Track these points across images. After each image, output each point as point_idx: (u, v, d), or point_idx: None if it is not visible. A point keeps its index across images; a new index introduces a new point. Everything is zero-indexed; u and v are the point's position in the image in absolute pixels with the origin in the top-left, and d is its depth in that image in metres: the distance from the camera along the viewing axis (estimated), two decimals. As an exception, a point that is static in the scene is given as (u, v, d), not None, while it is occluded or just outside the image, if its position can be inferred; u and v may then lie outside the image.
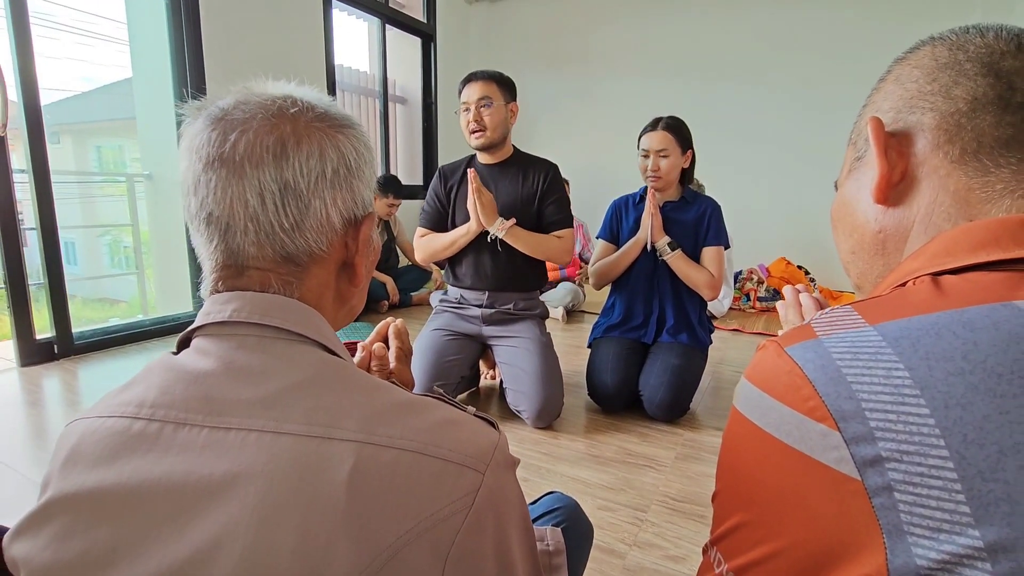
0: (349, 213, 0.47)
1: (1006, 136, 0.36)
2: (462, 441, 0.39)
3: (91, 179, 7.72)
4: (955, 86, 0.39)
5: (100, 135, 10.80)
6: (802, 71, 3.65)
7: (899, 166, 0.41)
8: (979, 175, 0.37)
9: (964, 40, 0.40)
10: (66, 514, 0.38)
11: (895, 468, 0.27)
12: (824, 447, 0.29)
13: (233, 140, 0.42)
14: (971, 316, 0.29)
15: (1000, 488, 0.25)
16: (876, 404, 0.28)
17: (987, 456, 0.25)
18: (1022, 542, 0.24)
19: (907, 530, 0.26)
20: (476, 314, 1.84)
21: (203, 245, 0.45)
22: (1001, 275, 0.32)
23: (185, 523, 0.35)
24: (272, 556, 0.34)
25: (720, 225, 1.89)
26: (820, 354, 0.31)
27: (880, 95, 0.44)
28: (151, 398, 0.40)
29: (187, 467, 0.37)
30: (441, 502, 0.36)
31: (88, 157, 10.63)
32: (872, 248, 0.44)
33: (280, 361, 0.41)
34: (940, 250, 0.36)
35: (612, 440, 1.60)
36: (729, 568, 0.34)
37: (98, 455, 0.39)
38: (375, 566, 0.34)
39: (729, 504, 0.35)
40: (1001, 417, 0.26)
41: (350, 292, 0.51)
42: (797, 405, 0.31)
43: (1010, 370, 0.27)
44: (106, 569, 0.36)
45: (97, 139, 10.90)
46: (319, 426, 0.37)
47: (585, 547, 0.83)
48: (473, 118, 1.69)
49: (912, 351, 0.29)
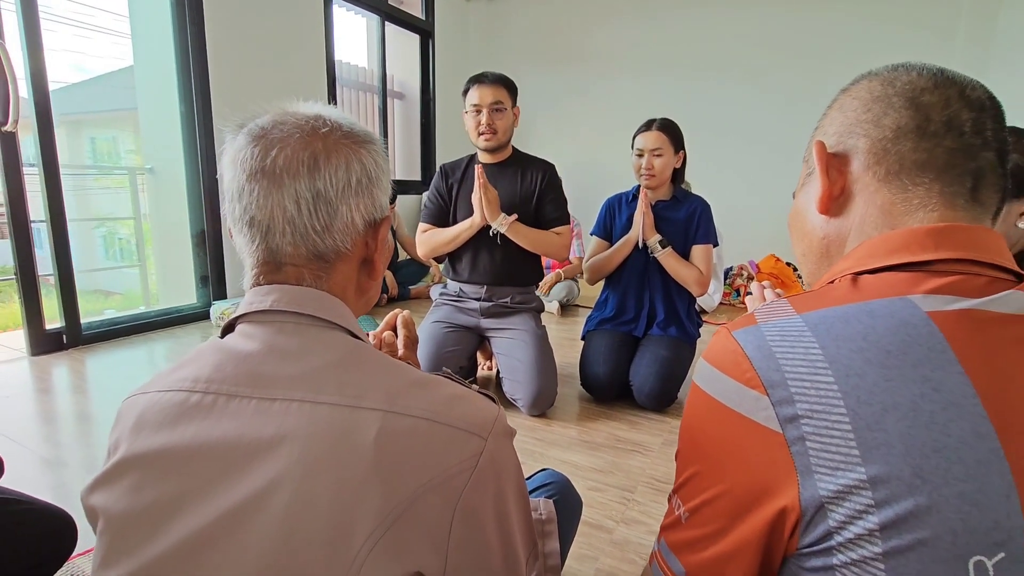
0: (370, 216, 0.55)
1: (921, 160, 0.44)
2: (468, 413, 0.47)
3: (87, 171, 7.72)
4: (884, 116, 0.46)
5: (93, 126, 10.71)
6: (793, 72, 3.72)
7: (839, 183, 0.48)
8: (900, 192, 0.45)
9: (894, 77, 0.48)
10: (138, 470, 0.46)
11: (807, 423, 0.35)
12: (756, 408, 0.37)
13: (273, 155, 0.50)
14: (874, 307, 0.37)
15: (881, 436, 0.33)
16: (796, 375, 0.36)
17: (873, 412, 0.33)
18: (894, 475, 0.32)
19: (814, 470, 0.34)
20: (475, 307, 1.92)
21: (245, 245, 0.52)
22: (906, 275, 0.40)
23: (240, 475, 0.43)
24: (313, 502, 0.41)
25: (709, 224, 1.97)
26: (757, 337, 0.39)
27: (827, 120, 0.52)
28: (205, 374, 0.48)
29: (240, 431, 0.44)
30: (451, 462, 0.44)
31: (82, 149, 10.57)
32: (818, 251, 0.51)
33: (314, 344, 0.49)
34: (864, 254, 0.44)
35: (603, 427, 1.69)
36: (686, 509, 0.42)
37: (161, 421, 0.47)
38: (397, 511, 0.42)
39: (686, 459, 0.43)
40: (886, 384, 0.34)
41: (368, 285, 0.59)
42: (738, 377, 0.38)
43: (896, 348, 0.34)
44: (174, 514, 0.43)
45: (91, 130, 10.82)
46: (349, 397, 0.45)
47: (575, 519, 0.91)
48: (485, 122, 1.75)
49: (826, 334, 0.37)
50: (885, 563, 0.32)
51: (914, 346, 0.35)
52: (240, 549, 0.41)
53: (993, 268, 0.40)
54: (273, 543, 0.40)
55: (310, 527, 0.41)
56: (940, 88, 0.45)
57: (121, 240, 8.95)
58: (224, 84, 2.78)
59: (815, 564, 0.35)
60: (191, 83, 2.69)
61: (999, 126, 0.46)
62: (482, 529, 0.46)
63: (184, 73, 2.70)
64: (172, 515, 0.43)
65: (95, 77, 12.05)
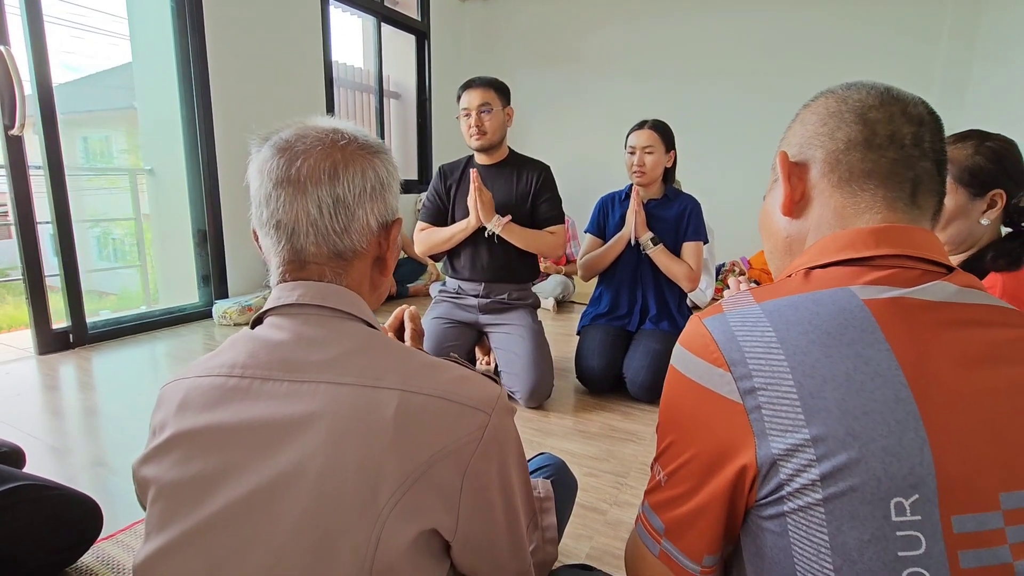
0: (383, 219, 0.61)
1: (868, 168, 0.51)
2: (474, 391, 0.53)
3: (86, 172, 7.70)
4: (838, 130, 0.53)
5: (86, 126, 10.63)
6: (782, 73, 3.79)
7: (799, 188, 0.55)
8: (850, 197, 0.51)
9: (847, 95, 0.54)
10: (184, 445, 0.52)
11: (762, 394, 0.41)
12: (721, 383, 0.43)
13: (298, 165, 0.56)
14: (820, 296, 0.44)
15: (821, 403, 0.39)
16: (754, 354, 0.42)
17: (815, 383, 0.40)
18: (831, 435, 0.38)
19: (768, 433, 0.41)
20: (473, 303, 1.98)
21: (272, 245, 0.58)
22: (850, 269, 0.47)
23: (276, 448, 0.49)
24: (342, 469, 0.47)
25: (699, 222, 2.04)
26: (723, 323, 0.46)
27: (790, 133, 0.58)
28: (241, 361, 0.54)
29: (274, 410, 0.51)
30: (460, 434, 0.50)
31: (74, 148, 10.51)
32: (783, 249, 0.58)
33: (337, 333, 0.55)
34: (817, 252, 0.50)
35: (597, 417, 1.76)
36: (664, 474, 0.49)
37: (204, 403, 0.53)
38: (415, 476, 0.48)
39: (664, 430, 0.50)
40: (826, 359, 0.40)
41: (381, 280, 0.65)
42: (706, 357, 0.45)
43: (835, 330, 0.41)
44: (219, 483, 0.49)
45: (83, 130, 10.76)
46: (370, 379, 0.51)
47: (571, 498, 0.98)
48: (474, 123, 1.82)
49: (779, 319, 0.43)
50: (824, 507, 0.39)
51: (850, 328, 0.41)
52: (280, 511, 0.47)
53: (926, 263, 0.47)
54: (308, 505, 0.47)
55: (340, 491, 0.47)
56: (885, 105, 0.52)
57: (115, 240, 8.91)
58: (224, 87, 2.83)
59: (770, 513, 0.42)
60: (191, 86, 2.74)
61: (937, 138, 0.52)
62: (488, 493, 0.53)
63: (184, 76, 2.74)
64: (218, 483, 0.49)
65: (86, 76, 11.94)
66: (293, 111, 3.14)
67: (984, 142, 1.06)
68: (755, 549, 0.44)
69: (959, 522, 0.37)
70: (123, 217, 4.05)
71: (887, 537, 0.37)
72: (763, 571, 0.43)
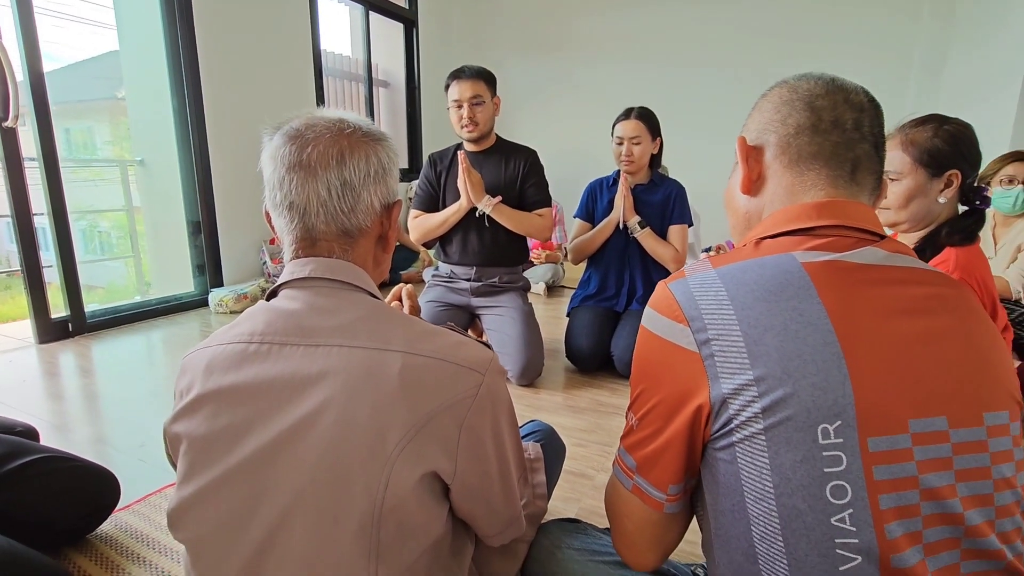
0: (385, 200, 0.67)
1: (814, 151, 0.58)
2: (470, 354, 0.60)
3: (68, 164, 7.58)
4: (789, 117, 0.60)
5: (67, 117, 10.44)
6: (767, 58, 3.85)
7: (756, 169, 0.62)
8: (799, 176, 0.58)
9: (798, 84, 0.61)
10: (212, 403, 0.58)
11: (715, 344, 0.48)
12: (682, 336, 0.50)
13: (308, 151, 0.62)
14: (766, 261, 0.51)
15: (763, 349, 0.47)
16: (709, 310, 0.50)
17: (758, 333, 0.47)
18: (770, 374, 0.46)
19: (719, 376, 0.48)
20: (465, 287, 2.04)
21: (284, 225, 0.64)
22: (795, 238, 0.54)
23: (295, 402, 0.56)
24: (354, 419, 0.54)
25: (684, 206, 2.11)
26: (684, 286, 0.53)
27: (750, 119, 0.65)
28: (259, 329, 0.60)
29: (292, 369, 0.57)
30: (457, 390, 0.57)
31: (56, 140, 10.31)
32: (743, 224, 0.65)
33: (346, 303, 0.61)
34: (769, 224, 0.57)
35: (586, 394, 1.84)
36: (636, 418, 0.56)
37: (228, 366, 0.59)
38: (418, 426, 0.55)
39: (636, 381, 0.57)
40: (767, 313, 0.47)
41: (383, 257, 0.71)
42: (670, 315, 0.52)
43: (777, 288, 0.48)
44: (246, 434, 0.56)
45: (65, 121, 10.55)
46: (377, 342, 0.58)
47: (559, 460, 1.06)
48: (467, 115, 1.87)
49: (730, 281, 0.50)
50: (765, 435, 0.46)
51: (789, 286, 0.48)
52: (301, 454, 0.54)
53: (862, 232, 0.54)
54: (326, 449, 0.53)
55: (353, 437, 0.54)
56: (830, 94, 0.59)
57: (101, 233, 8.81)
58: (214, 77, 2.84)
59: (722, 444, 0.49)
60: (182, 76, 2.75)
61: (876, 123, 0.59)
62: (482, 443, 0.60)
63: (175, 67, 2.75)
64: (244, 434, 0.56)
65: (67, 66, 11.69)
66: (283, 100, 3.21)
67: (943, 126, 1.13)
68: (711, 477, 0.52)
69: (874, 443, 0.44)
70: (110, 209, 4.02)
71: (815, 457, 0.44)
72: (718, 496, 0.51)
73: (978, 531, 0.45)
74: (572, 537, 0.82)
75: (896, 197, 1.16)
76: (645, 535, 0.59)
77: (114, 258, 6.10)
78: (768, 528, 0.46)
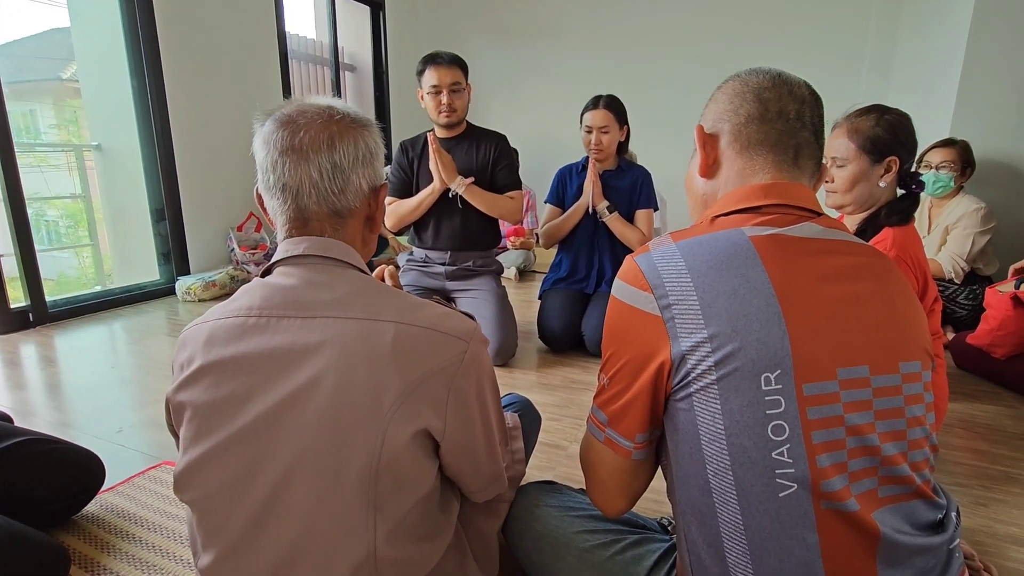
0: (372, 182, 0.71)
1: (761, 138, 0.65)
2: (455, 324, 0.65)
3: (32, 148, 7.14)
4: (740, 107, 0.66)
5: (6, 99, 9.82)
6: (732, 47, 3.97)
7: (712, 155, 0.69)
8: (748, 161, 0.65)
9: (748, 78, 0.68)
10: (214, 373, 0.62)
11: (675, 308, 0.55)
12: (647, 303, 0.57)
13: (300, 136, 0.65)
14: (719, 235, 0.58)
15: (715, 310, 0.54)
16: (670, 279, 0.56)
17: (711, 297, 0.54)
18: (721, 332, 0.53)
19: (679, 335, 0.55)
20: (440, 271, 2.09)
21: (278, 206, 0.68)
22: (744, 215, 0.61)
23: (295, 369, 0.60)
24: (352, 383, 0.59)
25: (651, 191, 2.19)
26: (648, 259, 0.59)
27: (706, 109, 0.72)
28: (257, 304, 0.64)
29: (291, 340, 0.61)
30: (445, 356, 0.63)
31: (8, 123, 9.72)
32: (701, 204, 0.72)
33: (339, 278, 0.66)
34: (722, 203, 0.64)
35: (559, 372, 1.92)
36: (607, 378, 0.63)
37: (228, 338, 0.63)
38: (411, 388, 0.60)
39: (606, 344, 0.64)
40: (719, 279, 0.54)
41: (370, 237, 0.76)
42: (636, 284, 0.59)
43: (727, 258, 0.55)
44: (248, 400, 0.60)
45: (3, 103, 9.90)
46: (370, 314, 0.62)
47: (535, 428, 1.13)
48: (446, 102, 1.89)
49: (688, 253, 0.57)
50: (718, 385, 0.53)
51: (738, 257, 0.55)
52: (302, 417, 0.58)
53: (802, 210, 0.62)
54: (326, 412, 0.58)
55: (351, 400, 0.58)
56: (776, 87, 0.66)
57: (49, 223, 8.37)
58: (175, 60, 2.77)
59: (681, 395, 0.56)
60: (141, 59, 2.67)
61: (816, 114, 0.67)
62: (468, 405, 0.65)
63: (133, 49, 2.67)
64: (247, 400, 0.60)
65: (4, 44, 10.98)
66: (248, 84, 3.16)
67: (883, 115, 1.23)
68: (673, 427, 0.59)
69: (807, 388, 0.52)
70: (58, 196, 3.82)
71: (759, 401, 0.52)
72: (679, 442, 0.58)
73: (892, 461, 0.53)
74: (549, 496, 0.89)
75: (842, 181, 1.26)
76: (616, 482, 0.66)
77: (62, 248, 5.77)
78: (720, 465, 0.54)
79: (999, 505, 1.17)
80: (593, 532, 0.80)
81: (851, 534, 0.51)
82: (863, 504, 0.52)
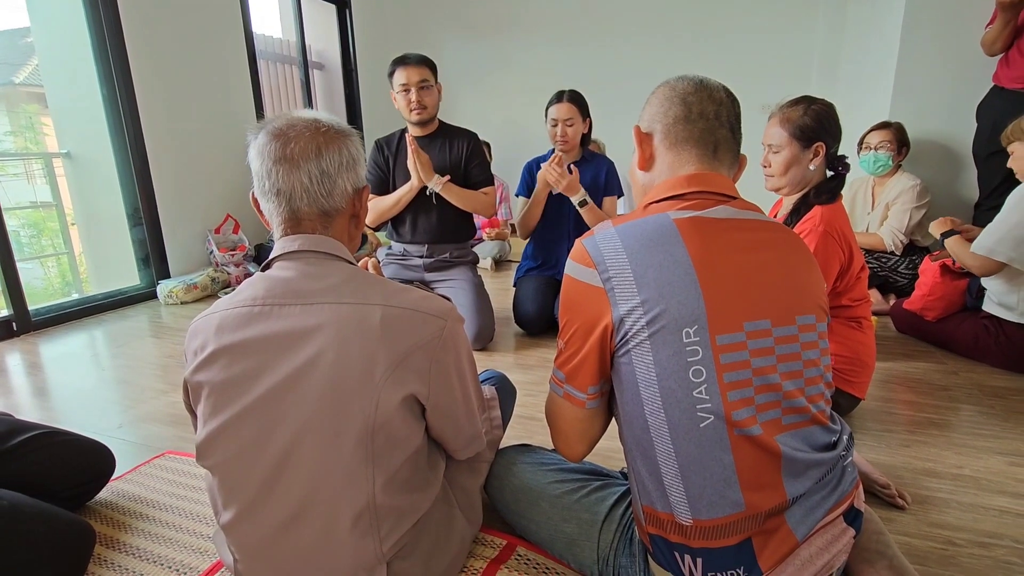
0: (355, 185, 0.81)
1: (686, 136, 0.77)
2: (434, 305, 0.76)
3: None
4: (669, 110, 0.78)
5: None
6: (695, 39, 4.11)
7: (648, 151, 0.81)
8: (676, 155, 0.78)
9: (676, 84, 0.80)
10: (227, 355, 0.72)
11: (614, 280, 0.67)
12: (592, 278, 0.69)
13: (291, 147, 0.75)
14: (648, 219, 0.70)
15: (645, 280, 0.66)
16: (609, 257, 0.68)
17: (643, 270, 0.66)
18: (651, 297, 0.65)
19: (618, 302, 0.67)
20: (418, 263, 2.18)
21: (273, 208, 0.78)
22: (671, 202, 0.73)
23: (297, 349, 0.70)
24: (347, 358, 0.70)
25: (615, 178, 2.32)
26: (593, 241, 0.71)
27: (643, 111, 0.84)
28: (260, 295, 0.74)
29: (292, 324, 0.72)
30: (426, 333, 0.74)
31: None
32: (641, 193, 0.84)
33: (330, 269, 0.76)
34: (654, 193, 0.76)
35: (534, 353, 2.04)
36: (563, 342, 0.75)
37: (236, 325, 0.73)
38: (398, 360, 0.71)
39: (562, 314, 0.75)
40: (649, 256, 0.67)
41: (355, 233, 0.86)
42: (582, 262, 0.71)
43: (655, 238, 0.67)
44: (258, 377, 0.70)
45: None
46: (360, 299, 0.73)
47: (511, 399, 1.25)
48: (416, 100, 1.98)
49: (625, 234, 0.69)
50: (650, 341, 0.65)
51: (663, 236, 0.68)
52: (306, 388, 0.69)
53: (720, 196, 0.74)
54: (327, 382, 0.69)
55: (348, 372, 0.69)
56: (698, 91, 0.78)
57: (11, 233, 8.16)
58: (144, 65, 2.78)
59: (622, 352, 0.68)
60: (110, 64, 2.68)
61: (732, 114, 0.79)
62: (448, 374, 0.77)
63: (101, 55, 2.68)
64: (256, 377, 0.70)
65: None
66: (218, 85, 3.21)
67: (811, 106, 1.37)
68: (618, 379, 0.71)
69: (720, 339, 0.64)
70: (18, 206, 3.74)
71: (682, 351, 0.64)
72: (623, 391, 0.71)
73: (791, 395, 0.67)
74: (525, 455, 1.02)
75: (777, 166, 1.40)
76: (576, 430, 0.79)
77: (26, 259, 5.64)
78: (654, 405, 0.66)
79: (920, 446, 1.34)
80: (563, 481, 0.93)
81: (759, 454, 0.64)
82: (767, 430, 0.65)
